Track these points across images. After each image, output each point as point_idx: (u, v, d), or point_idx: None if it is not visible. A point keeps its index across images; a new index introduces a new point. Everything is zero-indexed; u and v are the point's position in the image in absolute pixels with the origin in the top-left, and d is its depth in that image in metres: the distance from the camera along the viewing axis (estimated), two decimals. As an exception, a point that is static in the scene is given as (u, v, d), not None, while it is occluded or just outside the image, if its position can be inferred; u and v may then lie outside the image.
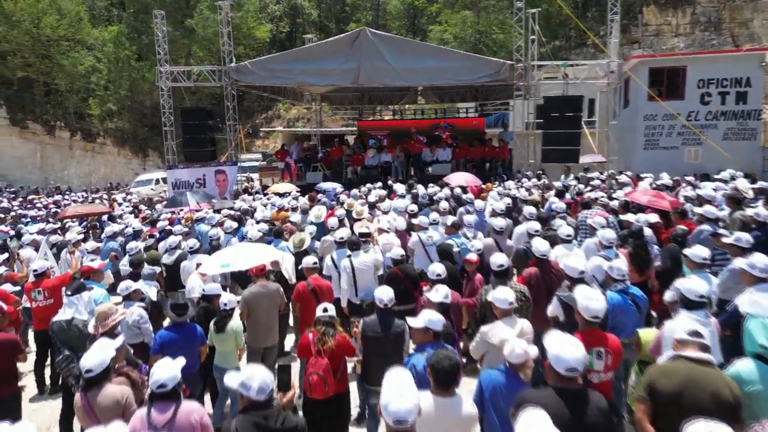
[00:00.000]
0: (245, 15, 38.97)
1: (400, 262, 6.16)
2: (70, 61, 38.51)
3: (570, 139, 14.45)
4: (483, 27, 40.64)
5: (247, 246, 5.36)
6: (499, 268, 4.76)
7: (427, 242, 7.21)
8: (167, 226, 9.98)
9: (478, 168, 17.34)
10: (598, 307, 3.25)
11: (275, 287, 5.27)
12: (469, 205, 10.12)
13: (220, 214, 11.43)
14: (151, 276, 6.08)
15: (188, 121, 16.83)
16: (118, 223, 12.09)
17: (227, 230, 8.94)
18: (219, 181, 17.10)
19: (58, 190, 35.48)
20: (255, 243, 6.57)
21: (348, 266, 5.90)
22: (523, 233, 6.95)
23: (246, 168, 27.70)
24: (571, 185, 12.87)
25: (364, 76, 15.69)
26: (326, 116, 34.55)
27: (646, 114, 16.52)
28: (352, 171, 18.22)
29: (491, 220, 7.14)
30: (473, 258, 5.78)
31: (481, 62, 15.14)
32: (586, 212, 7.92)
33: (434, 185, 13.21)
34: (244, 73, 16.31)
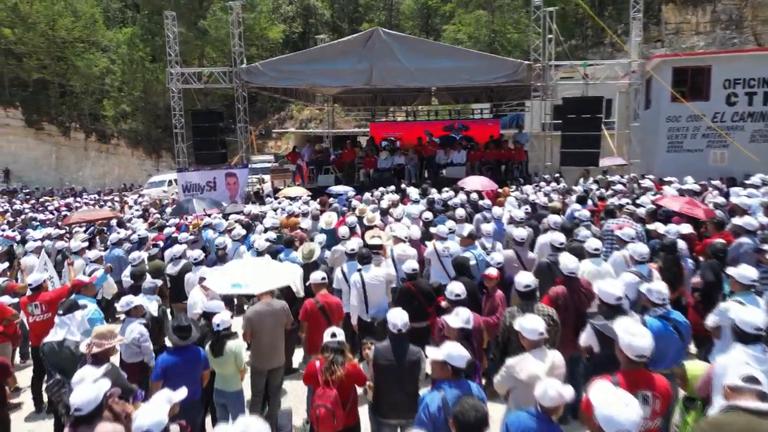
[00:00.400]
0: (258, 16, 38.90)
1: (414, 277, 5.78)
2: (84, 62, 38.77)
3: (590, 141, 13.94)
4: (498, 26, 40.13)
5: (261, 263, 4.94)
6: (526, 289, 4.35)
7: (443, 253, 6.81)
8: (174, 232, 9.71)
9: (494, 171, 16.90)
10: (645, 345, 2.84)
11: (280, 306, 4.92)
12: (486, 212, 9.70)
13: (228, 219, 11.19)
14: (152, 290, 5.77)
15: (199, 124, 16.61)
16: (126, 228, 11.88)
17: (235, 237, 8.64)
18: (230, 184, 16.88)
19: (73, 192, 35.76)
20: (266, 258, 6.16)
21: (358, 281, 5.53)
22: (547, 244, 6.52)
23: (258, 170, 27.58)
24: (591, 189, 12.38)
25: (377, 77, 15.33)
26: (339, 117, 34.28)
27: (669, 115, 15.91)
28: (364, 174, 17.87)
29: (512, 231, 6.72)
30: (493, 273, 5.38)
31: (497, 62, 14.69)
32: (611, 221, 7.46)
33: (449, 189, 12.81)
34: (255, 74, 16.05)
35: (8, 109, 39.79)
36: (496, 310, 5.33)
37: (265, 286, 4.71)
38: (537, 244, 7.06)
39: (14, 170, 39.92)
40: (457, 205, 9.67)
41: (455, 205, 9.68)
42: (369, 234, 7.57)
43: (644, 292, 4.07)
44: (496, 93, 20.72)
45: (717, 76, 15.81)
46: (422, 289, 5.77)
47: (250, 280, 4.59)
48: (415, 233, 7.34)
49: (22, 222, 15.56)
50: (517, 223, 7.83)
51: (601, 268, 5.58)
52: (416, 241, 7.34)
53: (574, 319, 4.71)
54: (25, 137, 40.45)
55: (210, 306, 4.81)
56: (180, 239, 8.22)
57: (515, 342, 4.27)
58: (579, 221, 8.31)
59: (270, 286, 4.75)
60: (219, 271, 5.28)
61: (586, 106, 13.94)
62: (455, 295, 4.51)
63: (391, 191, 13.76)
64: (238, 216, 11.25)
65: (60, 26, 37.43)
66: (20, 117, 39.96)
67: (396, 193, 13.82)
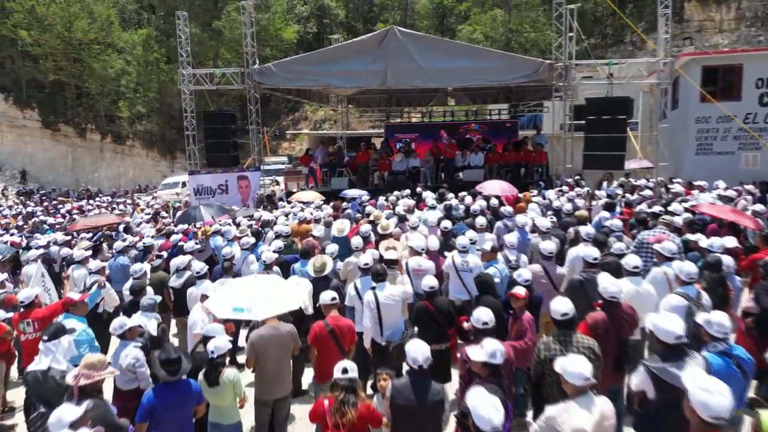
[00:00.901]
0: (272, 16, 38.72)
1: (433, 295, 5.30)
2: (101, 64, 38.95)
3: (615, 143, 13.28)
4: (514, 25, 39.47)
5: (268, 282, 4.46)
6: (563, 318, 3.83)
7: (463, 268, 6.32)
8: (181, 240, 9.35)
9: (513, 174, 16.33)
10: (724, 405, 2.31)
11: (287, 330, 4.46)
12: (508, 220, 9.17)
13: (239, 226, 10.82)
14: (151, 307, 5.37)
15: (211, 125, 16.30)
16: (134, 233, 11.58)
17: (244, 246, 8.23)
18: (242, 187, 16.56)
19: (88, 193, 35.94)
20: (275, 276, 5.67)
21: (372, 301, 5.06)
22: (578, 258, 5.98)
23: (271, 171, 27.29)
24: (617, 194, 11.75)
25: (392, 78, 14.85)
26: (353, 118, 33.91)
27: (699, 116, 15.19)
28: (378, 176, 17.41)
29: (539, 244, 6.19)
30: (521, 293, 4.87)
31: (517, 62, 14.12)
32: (646, 233, 6.87)
33: (466, 193, 12.30)
34: (267, 75, 15.69)
35: (25, 110, 40.15)
36: (524, 335, 4.83)
37: (269, 311, 4.25)
38: (568, 258, 6.52)
39: (31, 171, 40.25)
40: (477, 212, 9.17)
41: (475, 212, 9.18)
42: (384, 244, 7.10)
43: (702, 324, 3.54)
44: (515, 93, 20.11)
45: (749, 75, 15.05)
46: (442, 309, 5.29)
47: (253, 303, 4.14)
48: (432, 244, 6.85)
49: (32, 225, 15.41)
50: (542, 234, 7.29)
51: (641, 289, 5.03)
52: (434, 253, 6.85)
53: (615, 347, 4.19)
54: (41, 138, 40.79)
55: (209, 329, 4.38)
56: (186, 248, 7.84)
57: (549, 377, 3.78)
58: (608, 230, 7.75)
59: (275, 311, 4.29)
60: (222, 290, 4.82)
61: (611, 106, 13.28)
62: (482, 324, 4.02)
63: (406, 195, 13.30)
64: (248, 221, 10.89)
65: (76, 28, 37.62)
66: (37, 118, 40.28)
67: (411, 197, 13.36)
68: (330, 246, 7.06)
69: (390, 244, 7.02)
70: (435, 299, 5.31)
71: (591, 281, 5.30)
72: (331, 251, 6.94)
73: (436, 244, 6.85)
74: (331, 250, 6.97)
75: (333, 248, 7.00)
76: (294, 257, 7.51)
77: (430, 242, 6.83)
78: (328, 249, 6.97)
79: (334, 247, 7.04)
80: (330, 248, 6.99)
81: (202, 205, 9.51)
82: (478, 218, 8.03)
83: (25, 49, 37.42)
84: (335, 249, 7.02)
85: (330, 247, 7.01)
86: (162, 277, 6.93)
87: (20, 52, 37.90)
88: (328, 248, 6.99)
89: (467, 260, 6.36)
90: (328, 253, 6.90)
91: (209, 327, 4.41)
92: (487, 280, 5.23)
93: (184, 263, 6.73)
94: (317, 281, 6.06)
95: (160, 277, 6.93)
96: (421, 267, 6.55)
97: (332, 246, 7.06)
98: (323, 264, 6.14)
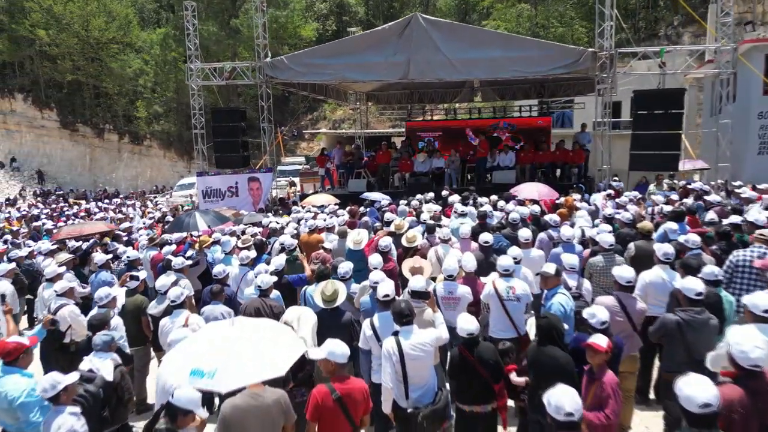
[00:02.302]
0: (291, 14, 37.83)
1: (473, 342, 3.96)
2: (118, 63, 38.54)
3: (667, 141, 11.72)
4: (541, 20, 37.86)
5: (248, 330, 3.09)
6: (703, 411, 2.42)
7: (508, 297, 4.96)
8: (176, 251, 8.17)
9: (547, 175, 14.85)
10: None
11: (274, 399, 3.14)
12: (553, 230, 7.75)
13: (243, 234, 9.64)
14: (106, 345, 4.15)
15: (219, 123, 15.21)
16: (131, 241, 10.50)
17: (243, 261, 7.00)
18: (252, 189, 15.44)
19: (106, 193, 35.51)
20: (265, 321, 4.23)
21: (395, 351, 3.73)
22: (650, 287, 4.59)
23: (288, 172, 26.22)
24: (671, 200, 10.17)
25: (415, 70, 13.51)
26: (372, 117, 32.70)
27: (762, 111, 13.47)
28: (399, 178, 16.08)
29: (615, 270, 4.71)
30: (602, 344, 3.48)
31: (556, 51, 12.60)
32: (742, 253, 5.38)
33: (497, 198, 10.90)
34: (280, 69, 14.50)
35: (44, 111, 40.02)
36: (605, 404, 3.45)
37: (239, 380, 2.92)
38: (642, 286, 5.09)
39: (49, 171, 40.10)
40: (518, 222, 7.76)
41: (515, 222, 7.78)
42: (409, 264, 5.75)
43: None
44: (547, 88, 18.56)
45: (819, 64, 13.29)
46: (486, 360, 3.94)
47: (220, 365, 2.83)
48: (469, 263, 5.48)
49: (33, 229, 14.53)
50: (604, 251, 5.87)
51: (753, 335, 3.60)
52: (470, 275, 5.50)
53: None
54: (60, 139, 40.63)
55: (180, 398, 3.01)
56: (174, 264, 6.62)
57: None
58: (679, 246, 6.29)
59: (248, 379, 2.97)
60: (180, 346, 3.45)
61: (664, 100, 11.72)
62: (566, 415, 2.65)
63: (430, 199, 11.95)
64: (255, 229, 9.68)
65: (94, 27, 37.27)
66: (55, 118, 40.12)
67: (435, 201, 12.01)
68: (343, 265, 5.76)
69: (416, 264, 5.67)
70: (477, 347, 3.97)
71: (695, 326, 3.90)
72: (345, 271, 5.65)
73: (472, 264, 5.49)
74: (344, 269, 5.67)
75: (347, 267, 5.71)
76: (299, 278, 6.24)
77: (466, 262, 5.47)
78: (341, 268, 5.68)
79: (348, 267, 5.74)
80: (343, 267, 5.69)
81: (197, 212, 8.29)
82: (522, 230, 6.63)
83: (43, 49, 37.18)
84: (349, 268, 5.73)
85: (343, 266, 5.72)
86: (139, 302, 5.72)
87: (38, 52, 37.70)
88: (341, 267, 5.69)
89: (513, 286, 4.99)
90: (340, 273, 5.62)
91: (179, 394, 3.03)
92: (556, 326, 3.82)
93: (166, 286, 5.50)
94: (326, 314, 4.78)
95: (137, 302, 5.72)
96: (454, 295, 5.22)
97: (345, 265, 5.76)
98: (335, 292, 4.84)
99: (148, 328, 5.67)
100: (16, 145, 40.67)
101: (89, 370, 4.08)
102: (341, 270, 5.69)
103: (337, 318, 4.77)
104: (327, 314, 4.80)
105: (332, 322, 4.73)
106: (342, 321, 4.74)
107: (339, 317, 4.77)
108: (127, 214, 16.60)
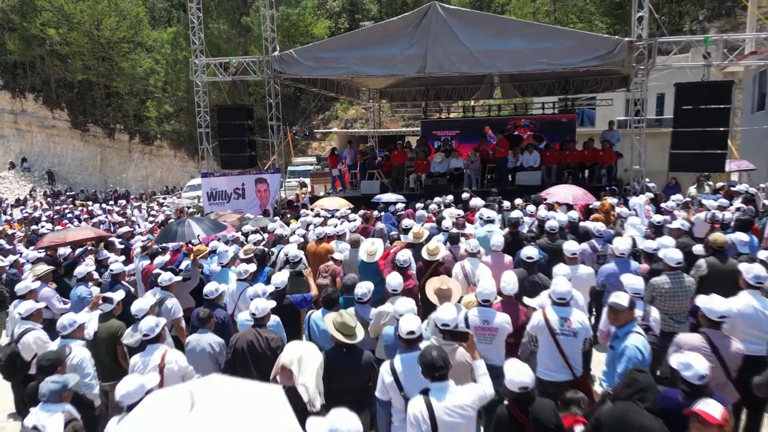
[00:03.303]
0: (303, 11, 37.14)
1: (528, 398, 3.00)
2: (129, 63, 38.12)
3: (713, 139, 10.60)
4: (559, 15, 36.73)
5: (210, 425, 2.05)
6: None
7: (563, 330, 3.98)
8: (169, 262, 7.31)
9: (575, 176, 13.79)
10: None
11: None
12: (597, 241, 6.73)
13: (246, 240, 8.78)
14: (56, 395, 3.28)
15: (225, 121, 14.38)
16: (121, 249, 9.67)
17: (241, 276, 6.10)
18: (260, 191, 14.57)
19: (116, 194, 35.08)
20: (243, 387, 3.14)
21: (424, 418, 2.78)
22: (738, 320, 3.58)
23: (299, 173, 25.41)
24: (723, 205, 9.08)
25: (433, 63, 12.54)
26: (385, 117, 31.79)
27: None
28: (415, 179, 15.12)
29: (704, 302, 3.67)
30: (715, 415, 2.51)
31: (589, 41, 11.49)
32: None
33: (527, 201, 9.90)
34: (288, 63, 13.61)
35: (55, 110, 39.76)
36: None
37: None
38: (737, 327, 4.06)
39: (60, 172, 39.82)
40: (555, 230, 6.75)
41: (553, 230, 6.76)
42: (434, 285, 4.77)
43: None
44: (572, 84, 17.45)
45: None
46: (544, 423, 2.97)
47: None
48: (510, 285, 4.50)
49: (32, 233, 13.83)
50: (670, 270, 4.86)
51: None
52: (511, 300, 4.53)
53: None
54: (71, 139, 40.36)
55: None
56: (161, 281, 5.73)
57: None
58: (753, 259, 5.27)
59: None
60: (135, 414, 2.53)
61: (709, 93, 10.60)
62: None
63: (450, 203, 10.98)
64: (257, 236, 8.80)
65: (105, 26, 36.88)
66: (66, 118, 39.84)
67: (455, 204, 11.04)
68: (361, 285, 4.77)
69: (443, 285, 4.69)
70: (532, 404, 3.01)
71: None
72: (363, 293, 4.70)
73: (513, 286, 4.50)
74: (362, 291, 4.72)
75: (365, 289, 4.74)
76: (303, 298, 5.32)
77: (506, 282, 4.49)
78: (359, 289, 4.73)
79: (367, 288, 4.76)
80: (361, 288, 4.73)
81: (190, 219, 7.39)
82: (568, 243, 5.62)
83: (54, 48, 36.87)
84: (368, 290, 4.77)
85: (361, 287, 4.75)
86: (114, 329, 4.83)
87: (49, 51, 37.41)
88: (359, 288, 4.73)
89: (569, 318, 4.01)
90: (357, 295, 4.69)
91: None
92: (654, 388, 2.79)
93: (143, 311, 4.60)
94: (338, 353, 3.84)
95: (112, 329, 4.83)
96: (490, 325, 4.26)
97: (364, 285, 4.77)
98: (352, 329, 3.88)
99: (124, 359, 4.79)
100: (27, 145, 40.48)
101: (33, 427, 3.20)
102: (359, 291, 4.73)
103: (353, 358, 3.82)
104: (339, 353, 3.86)
105: (347, 362, 3.80)
106: (361, 363, 3.80)
107: (356, 357, 3.82)
108: (128, 216, 15.83)
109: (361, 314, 4.62)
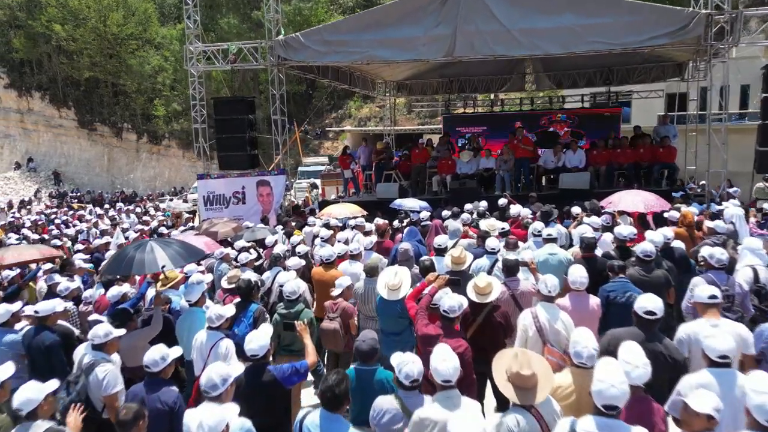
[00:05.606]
0: (315, 6, 35.60)
1: None
2: (137, 60, 36.86)
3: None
4: None
5: None
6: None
7: None
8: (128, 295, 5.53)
9: (628, 178, 11.81)
10: None
11: None
12: (716, 274, 4.74)
13: (235, 260, 7.03)
14: None
15: (223, 116, 12.67)
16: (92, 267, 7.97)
17: (213, 324, 4.29)
18: (262, 195, 12.81)
19: (123, 195, 33.83)
20: None
21: None
22: None
23: (310, 173, 23.80)
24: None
25: (463, 46, 10.64)
26: (400, 115, 29.93)
27: None
28: (438, 182, 13.19)
29: None
30: None
31: (655, 14, 9.35)
32: None
33: (580, 210, 7.98)
34: (294, 48, 11.81)
35: (61, 109, 38.69)
36: None
37: None
38: None
39: (66, 172, 38.74)
40: (651, 255, 4.78)
41: (647, 255, 4.80)
42: (506, 364, 2.84)
43: None
44: (617, 74, 15.37)
45: None
46: None
47: None
48: (639, 367, 2.61)
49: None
50: None
51: None
52: (640, 394, 2.62)
53: None
54: (78, 138, 39.28)
55: None
56: (92, 336, 3.93)
57: None
58: None
59: None
60: None
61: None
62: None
63: (484, 210, 9.07)
64: (249, 255, 7.00)
65: (111, 22, 35.62)
66: (73, 117, 38.76)
67: (490, 213, 9.14)
68: (408, 369, 2.86)
69: (523, 367, 2.75)
70: None
71: None
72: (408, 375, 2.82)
73: (645, 372, 2.60)
74: (396, 361, 2.89)
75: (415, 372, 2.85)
76: (293, 371, 3.46)
77: (633, 369, 2.59)
78: (402, 375, 2.86)
79: (416, 371, 2.86)
80: (404, 371, 2.85)
81: (154, 242, 5.47)
82: (703, 287, 3.68)
83: (60, 44, 35.72)
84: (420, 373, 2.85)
85: (398, 358, 2.91)
86: None
87: (55, 48, 36.30)
88: (402, 370, 2.86)
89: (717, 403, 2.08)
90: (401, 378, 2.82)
91: None
92: None
93: (33, 403, 2.79)
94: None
95: None
96: None
97: (410, 368, 2.88)
98: None
99: None
100: (34, 145, 39.49)
101: None
102: (403, 374, 2.83)
103: None
104: None
105: None
106: None
107: None
108: (119, 222, 14.18)
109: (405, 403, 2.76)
